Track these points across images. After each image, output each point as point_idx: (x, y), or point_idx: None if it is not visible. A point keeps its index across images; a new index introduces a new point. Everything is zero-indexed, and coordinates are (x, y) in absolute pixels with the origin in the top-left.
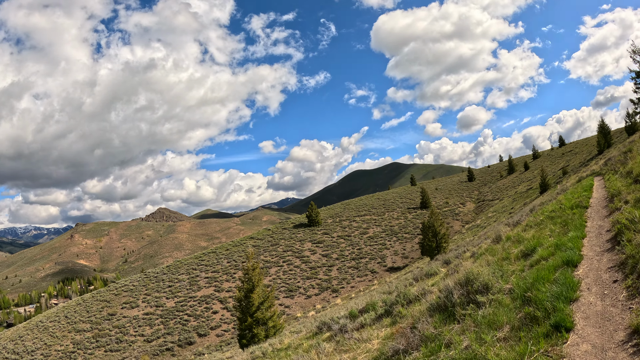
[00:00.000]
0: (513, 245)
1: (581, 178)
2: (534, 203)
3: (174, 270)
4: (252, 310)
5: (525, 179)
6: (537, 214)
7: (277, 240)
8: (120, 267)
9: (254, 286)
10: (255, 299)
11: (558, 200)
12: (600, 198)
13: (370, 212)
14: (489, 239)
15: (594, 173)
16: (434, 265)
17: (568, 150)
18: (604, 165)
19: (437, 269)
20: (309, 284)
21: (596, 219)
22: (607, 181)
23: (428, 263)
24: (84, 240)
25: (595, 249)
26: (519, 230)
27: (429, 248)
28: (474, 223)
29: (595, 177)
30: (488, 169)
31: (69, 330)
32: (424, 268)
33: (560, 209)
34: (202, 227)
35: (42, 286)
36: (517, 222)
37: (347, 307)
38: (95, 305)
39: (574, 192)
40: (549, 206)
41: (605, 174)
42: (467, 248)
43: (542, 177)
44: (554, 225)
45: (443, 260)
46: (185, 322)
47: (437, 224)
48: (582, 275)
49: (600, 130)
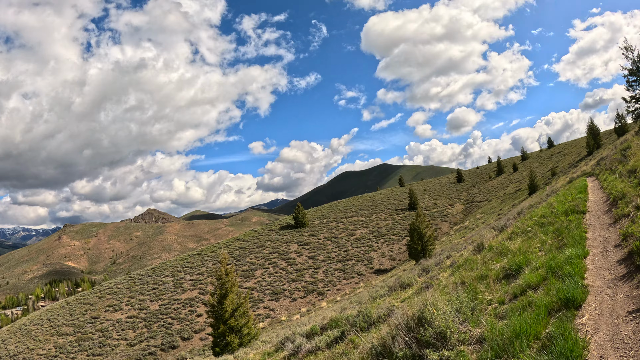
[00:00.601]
0: (495, 259)
1: (572, 179)
2: (522, 205)
3: (159, 273)
4: (225, 317)
5: (514, 180)
6: (524, 219)
7: (263, 242)
8: (109, 269)
9: (227, 292)
10: (229, 306)
11: (549, 203)
12: (599, 201)
13: (357, 213)
14: (474, 243)
15: (585, 174)
16: (412, 275)
17: (557, 152)
18: (596, 165)
19: (413, 278)
20: (294, 286)
21: (598, 228)
22: (603, 181)
23: (412, 267)
24: (72, 242)
25: (604, 276)
26: (504, 238)
27: (414, 251)
28: (462, 225)
29: (588, 177)
30: (477, 170)
31: (51, 333)
32: (401, 276)
33: (552, 214)
34: (191, 228)
35: (30, 288)
36: (503, 227)
37: (320, 316)
38: (79, 308)
39: (567, 194)
40: (538, 210)
41: (600, 174)
42: (449, 253)
43: (531, 178)
44: (544, 234)
45: (422, 267)
46: (168, 326)
47: (423, 227)
48: (590, 325)
49: (590, 131)
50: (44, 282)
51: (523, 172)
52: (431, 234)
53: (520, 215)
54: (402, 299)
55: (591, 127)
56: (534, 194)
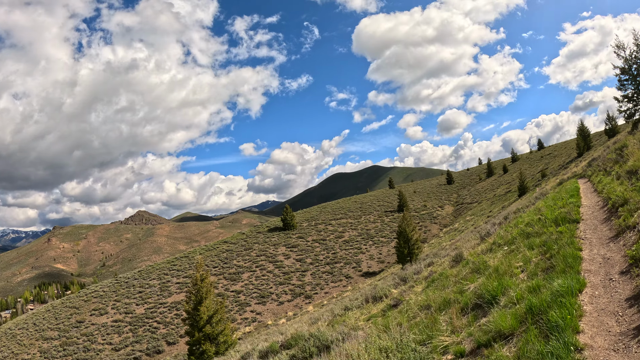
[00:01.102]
0: (470, 277)
1: (562, 180)
2: (509, 209)
3: (145, 276)
4: (200, 325)
5: (504, 181)
6: (509, 226)
7: (250, 245)
8: (98, 271)
9: (202, 298)
10: (204, 312)
11: (537, 209)
12: (594, 206)
13: (346, 215)
14: (455, 251)
15: (576, 175)
16: (387, 285)
17: (547, 153)
18: (587, 167)
19: (388, 290)
20: (281, 289)
21: (596, 243)
22: (598, 184)
23: (396, 272)
24: (62, 244)
25: (608, 327)
26: (484, 250)
27: (400, 254)
28: (452, 227)
29: (579, 179)
30: (467, 172)
31: (36, 338)
32: (378, 285)
33: (540, 222)
34: (182, 230)
35: (19, 291)
36: (487, 235)
37: (284, 330)
38: (65, 312)
39: (557, 198)
40: (524, 216)
41: (593, 175)
42: (432, 260)
43: (521, 180)
44: (529, 249)
45: (400, 277)
46: (154, 330)
47: (409, 230)
48: None
49: (580, 132)
50: (33, 285)
51: (513, 173)
52: (418, 237)
53: (507, 220)
54: (370, 316)
55: (581, 128)
56: (524, 196)
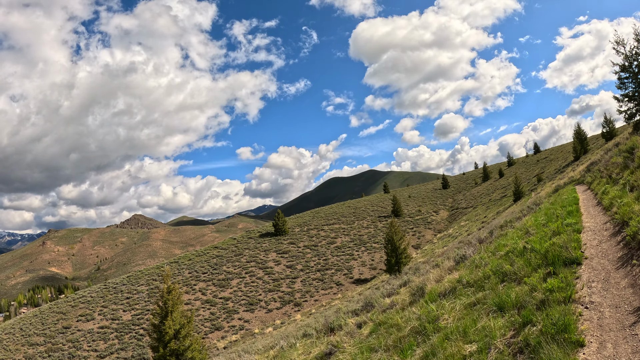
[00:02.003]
0: (408, 343)
1: (559, 187)
2: (502, 216)
3: (134, 281)
4: (166, 339)
5: (499, 186)
6: (488, 250)
7: (241, 250)
8: (93, 275)
9: (169, 312)
10: (170, 327)
11: (524, 229)
12: (600, 231)
13: (339, 220)
14: (423, 278)
15: (573, 180)
16: (348, 310)
17: (543, 157)
18: (586, 171)
19: (344, 321)
20: (270, 296)
21: (612, 322)
22: (602, 195)
23: (382, 282)
24: (56, 247)
25: None
26: (449, 287)
27: (388, 264)
28: (446, 232)
29: (577, 185)
30: (463, 177)
31: (22, 343)
32: (341, 309)
33: (524, 257)
34: (177, 234)
35: (13, 294)
36: (462, 259)
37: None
38: (51, 317)
39: (551, 215)
40: (508, 237)
41: (594, 182)
42: (408, 278)
43: (516, 185)
44: (498, 310)
45: (366, 301)
46: (140, 337)
47: (397, 238)
48: None
49: (577, 136)
50: (27, 288)
51: (509, 178)
52: (405, 246)
53: (492, 235)
54: (313, 358)
55: (578, 131)
56: (519, 201)
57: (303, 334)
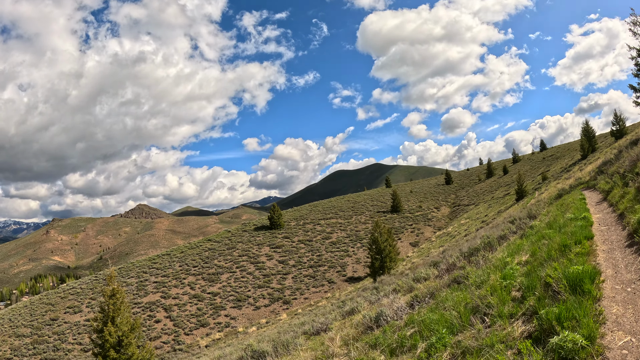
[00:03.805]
0: None
1: (563, 191)
2: (504, 215)
3: (125, 273)
4: (106, 347)
5: (503, 183)
6: (454, 291)
7: (234, 244)
8: (95, 265)
9: (111, 317)
10: (112, 334)
11: (507, 272)
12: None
13: (337, 215)
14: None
15: (580, 183)
16: (309, 325)
17: (549, 155)
18: (597, 173)
19: (297, 343)
20: (259, 293)
21: None
22: (629, 215)
23: (363, 288)
24: (60, 236)
25: None
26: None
27: (371, 267)
28: (445, 230)
29: (585, 190)
30: (467, 172)
31: (9, 334)
32: (307, 322)
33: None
34: (180, 224)
35: (15, 283)
36: (378, 322)
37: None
38: (40, 308)
39: (551, 248)
40: (483, 272)
41: (613, 191)
42: (355, 306)
43: (519, 184)
44: None
45: (321, 321)
46: None
47: (382, 240)
48: None
49: (585, 133)
50: (29, 277)
51: (513, 175)
52: (391, 248)
53: (471, 255)
54: None
55: (586, 129)
56: (521, 201)
57: None
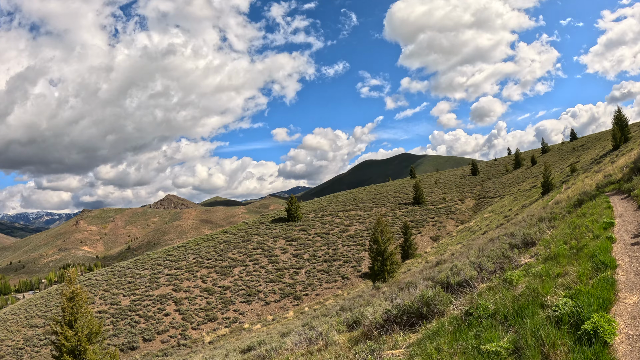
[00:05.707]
0: None
1: (584, 197)
2: (528, 210)
3: (139, 265)
4: (63, 351)
5: (531, 174)
6: None
7: (250, 236)
8: (123, 254)
9: (68, 321)
10: (69, 338)
11: None
12: None
13: (357, 207)
14: None
15: (609, 182)
16: None
17: (579, 145)
18: (633, 172)
19: None
20: (270, 288)
21: None
22: None
23: (362, 291)
24: (89, 227)
25: None
26: None
27: (371, 270)
28: (467, 224)
29: (615, 195)
30: (494, 163)
31: (23, 325)
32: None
33: None
34: (208, 214)
35: (45, 272)
36: None
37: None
38: (56, 299)
39: None
40: None
41: None
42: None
43: (545, 176)
44: None
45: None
46: (134, 324)
47: (383, 240)
48: None
49: (617, 122)
50: (58, 267)
51: (541, 166)
52: (392, 250)
53: (469, 293)
54: None
55: (618, 117)
56: (547, 194)
57: None
